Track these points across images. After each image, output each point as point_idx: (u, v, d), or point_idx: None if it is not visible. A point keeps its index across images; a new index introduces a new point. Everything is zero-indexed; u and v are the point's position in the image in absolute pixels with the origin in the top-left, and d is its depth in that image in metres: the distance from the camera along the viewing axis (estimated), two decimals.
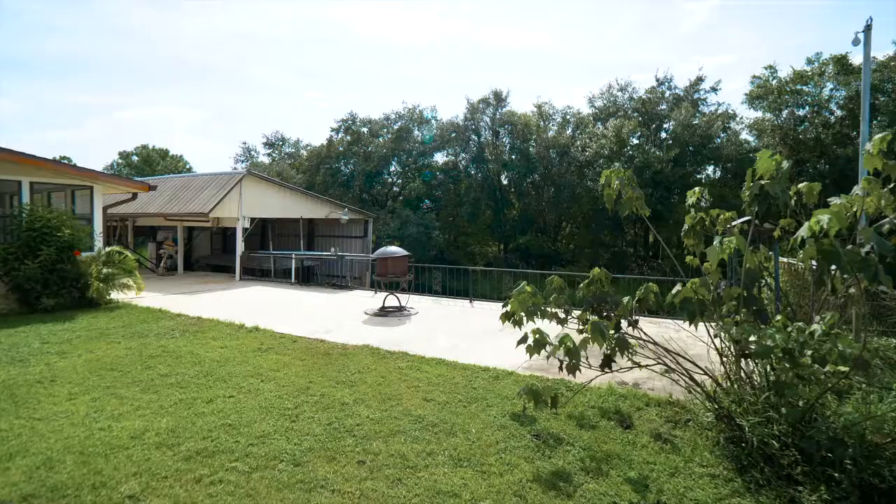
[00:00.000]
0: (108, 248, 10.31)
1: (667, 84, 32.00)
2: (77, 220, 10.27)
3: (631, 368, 3.94)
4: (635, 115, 31.72)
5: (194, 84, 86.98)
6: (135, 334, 7.31)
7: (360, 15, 69.80)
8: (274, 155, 45.59)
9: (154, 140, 79.99)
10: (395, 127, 37.88)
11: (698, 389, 3.92)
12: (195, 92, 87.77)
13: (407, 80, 74.12)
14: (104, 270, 9.73)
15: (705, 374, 3.98)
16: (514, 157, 34.63)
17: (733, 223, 4.43)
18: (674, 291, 3.27)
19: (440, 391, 5.00)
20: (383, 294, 10.14)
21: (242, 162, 45.92)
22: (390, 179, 39.81)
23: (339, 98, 79.73)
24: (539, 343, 3.58)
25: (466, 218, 34.84)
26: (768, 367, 3.57)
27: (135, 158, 55.71)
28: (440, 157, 38.39)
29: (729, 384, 3.95)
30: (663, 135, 31.03)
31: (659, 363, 3.99)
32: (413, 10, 67.85)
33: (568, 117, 35.69)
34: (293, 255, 16.00)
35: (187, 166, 56.69)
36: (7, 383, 5.13)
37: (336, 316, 9.33)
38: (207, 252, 23.63)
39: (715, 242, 3.57)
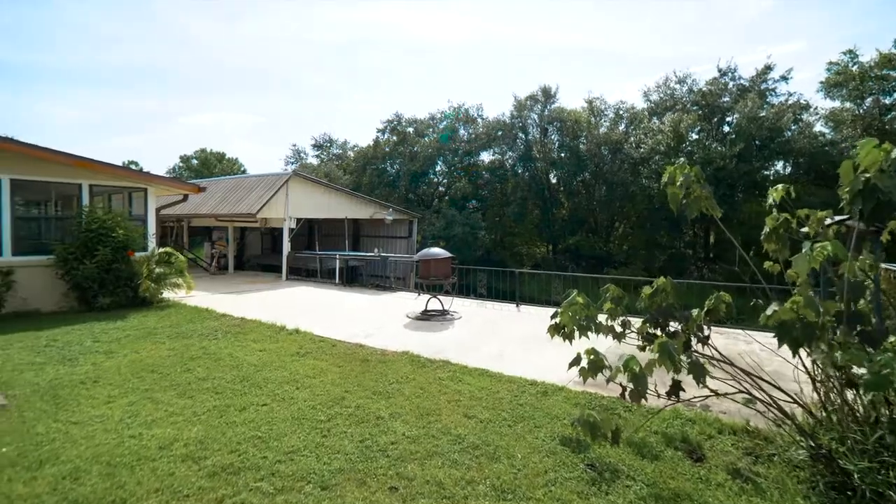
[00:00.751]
0: (159, 249, 10.61)
1: (730, 74, 29.76)
2: (132, 220, 10.63)
3: (707, 398, 3.38)
4: (695, 108, 29.87)
5: (250, 90, 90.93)
6: (179, 335, 7.36)
7: (405, 17, 70.22)
8: (322, 156, 46.68)
9: (212, 144, 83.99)
10: (441, 126, 37.70)
11: (788, 422, 3.31)
12: (251, 97, 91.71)
13: (453, 80, 74.19)
14: (156, 270, 10.00)
15: (795, 402, 3.37)
16: (563, 154, 33.55)
17: (826, 223, 3.78)
18: (768, 312, 2.69)
19: (483, 407, 4.61)
20: (426, 296, 9.84)
21: (292, 163, 47.32)
22: (436, 179, 39.67)
23: (386, 100, 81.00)
24: (595, 365, 3.10)
25: (513, 218, 34.15)
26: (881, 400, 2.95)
27: (194, 162, 58.69)
28: (486, 156, 37.90)
29: (825, 415, 3.32)
30: (726, 129, 28.93)
31: (739, 391, 3.41)
32: (460, 11, 67.56)
33: (621, 112, 34.20)
34: (337, 256, 16.04)
35: (242, 168, 59.14)
36: (53, 383, 5.19)
37: (377, 319, 9.12)
38: (258, 251, 24.32)
39: (805, 248, 2.98)
